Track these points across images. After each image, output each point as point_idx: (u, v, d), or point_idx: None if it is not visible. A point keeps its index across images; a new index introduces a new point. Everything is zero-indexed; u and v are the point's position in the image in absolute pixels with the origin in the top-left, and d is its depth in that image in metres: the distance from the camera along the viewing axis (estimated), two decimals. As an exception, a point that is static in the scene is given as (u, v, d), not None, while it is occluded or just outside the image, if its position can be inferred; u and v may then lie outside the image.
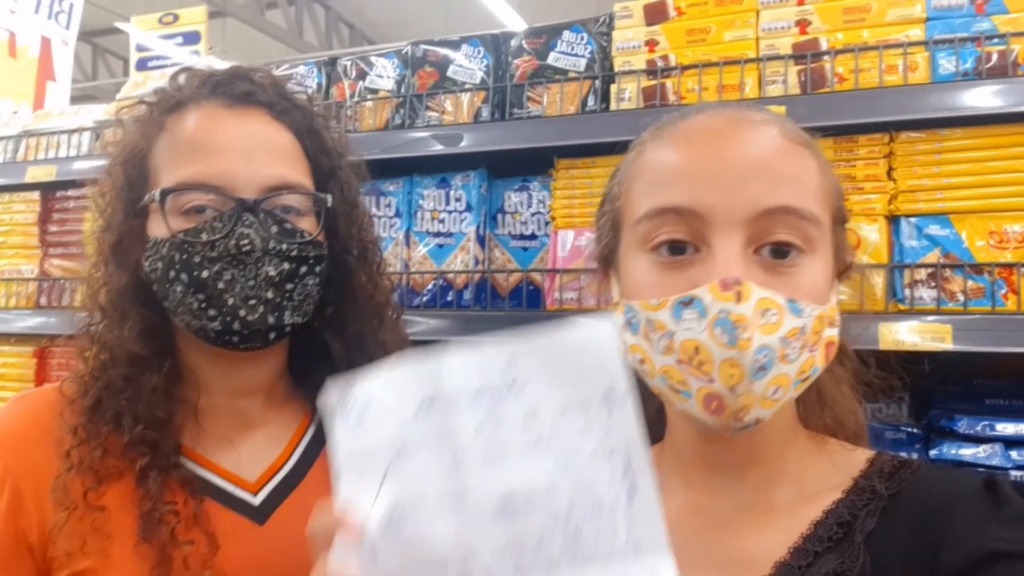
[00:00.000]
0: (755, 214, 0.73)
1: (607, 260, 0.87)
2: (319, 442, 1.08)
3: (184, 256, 0.94)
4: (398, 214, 1.87)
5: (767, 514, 0.80)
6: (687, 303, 0.72)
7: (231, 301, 0.94)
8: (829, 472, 0.81)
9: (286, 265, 0.97)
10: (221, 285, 0.94)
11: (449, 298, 1.77)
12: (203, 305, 0.94)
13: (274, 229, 0.97)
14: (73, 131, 2.18)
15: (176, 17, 5.19)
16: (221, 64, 1.10)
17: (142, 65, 5.29)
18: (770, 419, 0.77)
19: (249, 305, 0.95)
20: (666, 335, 0.73)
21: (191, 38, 5.23)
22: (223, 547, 0.92)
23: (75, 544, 0.88)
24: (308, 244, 1.00)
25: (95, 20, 8.66)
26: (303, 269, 1.00)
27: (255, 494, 1.00)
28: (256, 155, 0.97)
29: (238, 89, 1.01)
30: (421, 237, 1.85)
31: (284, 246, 0.97)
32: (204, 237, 0.94)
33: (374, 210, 1.88)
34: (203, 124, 0.99)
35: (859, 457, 0.82)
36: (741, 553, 0.78)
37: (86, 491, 0.90)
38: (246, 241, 0.94)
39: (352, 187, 1.10)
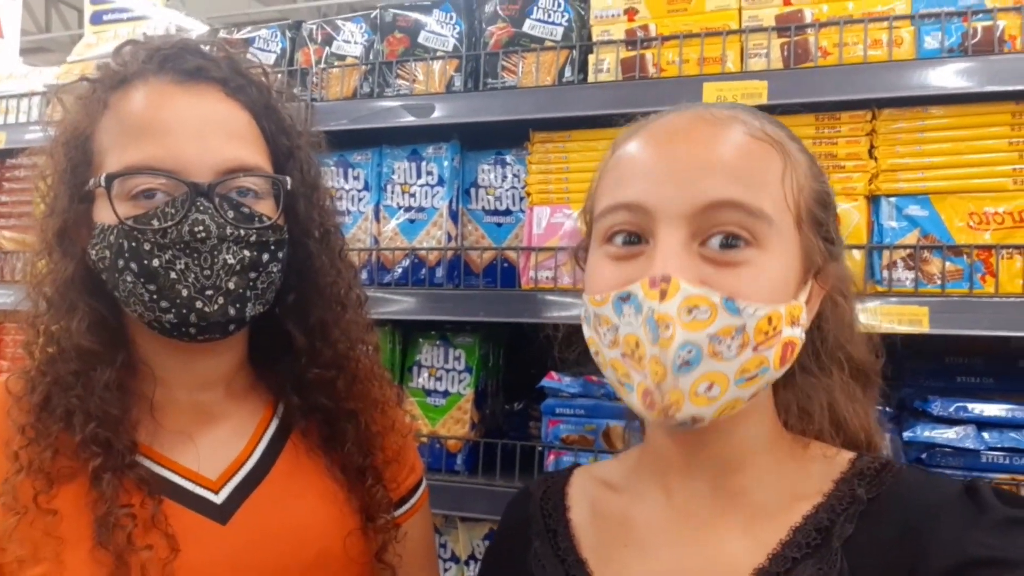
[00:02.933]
0: (698, 208, 0.72)
1: (584, 257, 0.87)
2: (283, 435, 1.04)
3: (133, 244, 0.88)
4: (367, 187, 1.81)
5: (747, 519, 0.79)
6: (625, 299, 0.73)
7: (185, 292, 0.89)
8: (810, 476, 0.80)
9: (247, 252, 0.92)
10: (173, 275, 0.88)
11: (421, 275, 1.72)
12: (155, 296, 0.89)
13: (231, 214, 0.91)
14: (23, 95, 2.08)
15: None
16: (180, 17, 1.03)
17: (97, 19, 5.07)
18: (739, 422, 0.78)
19: (206, 296, 0.90)
20: (612, 329, 0.75)
21: (151, -11, 5.01)
22: (184, 550, 0.88)
23: (26, 550, 0.84)
24: (268, 229, 0.94)
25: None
26: (265, 256, 0.94)
27: (217, 492, 0.96)
28: (209, 136, 0.91)
29: (188, 64, 0.94)
30: (391, 211, 1.79)
31: (242, 231, 0.91)
32: (155, 224, 0.88)
33: (341, 182, 1.81)
34: (151, 102, 0.91)
35: (841, 459, 0.81)
36: (720, 559, 0.78)
37: (36, 494, 0.85)
38: (200, 228, 0.88)
39: (312, 168, 1.04)
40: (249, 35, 1.97)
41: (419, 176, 1.77)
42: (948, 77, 1.40)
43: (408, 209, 1.77)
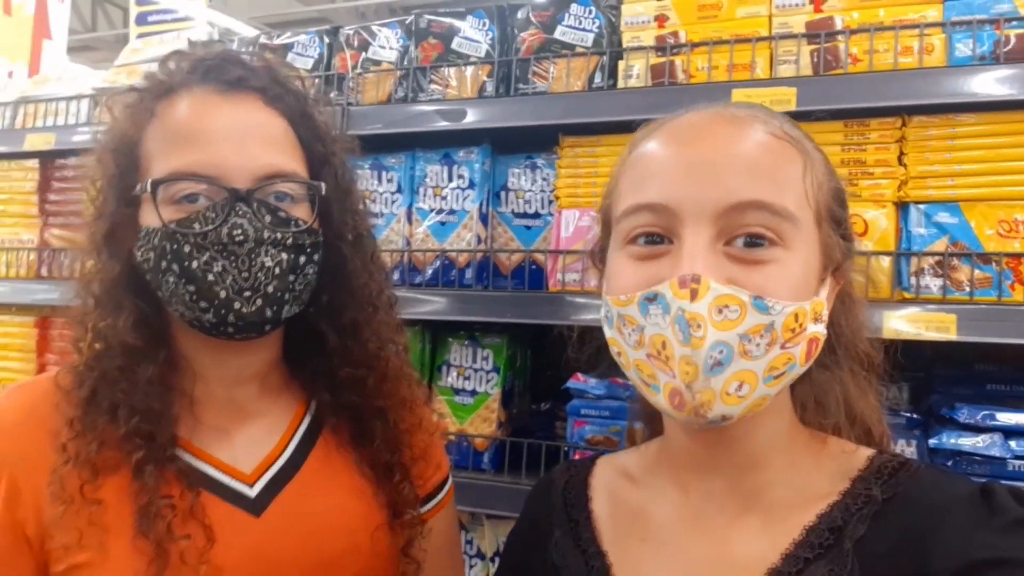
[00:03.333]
0: (725, 207, 0.72)
1: (601, 258, 0.88)
2: (314, 432, 1.08)
3: (175, 246, 0.93)
4: (400, 189, 1.85)
5: (763, 518, 0.80)
6: (652, 299, 0.73)
7: (223, 294, 0.93)
8: (827, 474, 0.80)
9: (284, 255, 0.96)
10: (211, 277, 0.93)
11: (451, 276, 1.76)
12: (194, 297, 0.93)
13: (268, 219, 0.95)
14: (71, 98, 2.15)
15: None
16: (222, 17, 1.08)
17: (142, 19, 5.20)
18: (760, 420, 0.78)
19: (244, 297, 0.94)
20: (637, 329, 0.75)
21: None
22: (219, 540, 0.92)
23: (72, 538, 0.88)
24: (303, 232, 0.98)
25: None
26: (302, 259, 0.98)
27: (251, 485, 1.00)
28: (249, 143, 0.95)
29: (230, 74, 0.99)
30: (423, 214, 1.82)
31: (279, 235, 0.95)
32: (196, 228, 0.93)
33: (375, 185, 1.85)
34: (195, 111, 0.96)
35: (859, 457, 0.81)
36: (735, 558, 0.79)
37: (83, 484, 0.90)
38: (239, 231, 0.92)
39: (346, 173, 1.08)
40: (288, 41, 2.02)
41: (451, 179, 1.80)
42: (980, 84, 1.39)
43: (439, 211, 1.81)
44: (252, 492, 1.00)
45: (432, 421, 1.20)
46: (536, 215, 1.78)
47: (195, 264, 0.93)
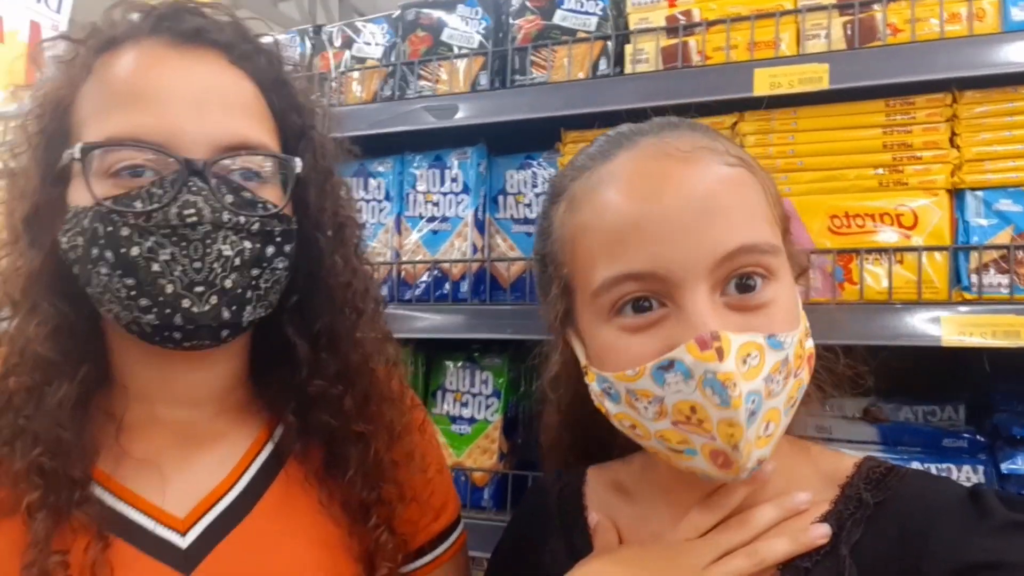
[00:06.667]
0: (715, 261, 0.70)
1: (563, 323, 0.83)
2: (277, 463, 0.89)
3: (109, 229, 0.75)
4: (388, 197, 1.67)
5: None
6: (666, 367, 0.70)
7: (170, 288, 0.75)
8: (815, 481, 0.80)
9: (247, 244, 0.78)
10: (156, 267, 0.75)
11: (444, 290, 1.58)
12: (133, 293, 0.75)
13: (229, 199, 0.77)
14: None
15: (179, 3, 5.04)
16: None
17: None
18: None
19: (195, 293, 0.76)
20: (654, 400, 0.72)
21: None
22: None
23: None
24: (273, 217, 0.81)
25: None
26: (270, 250, 0.80)
27: (183, 534, 0.81)
28: (208, 106, 0.78)
29: (187, 24, 0.81)
30: (413, 222, 1.65)
31: (242, 219, 0.77)
32: (138, 206, 0.75)
33: (362, 193, 1.68)
34: (141, 66, 0.79)
35: (846, 463, 0.81)
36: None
37: None
38: (191, 211, 0.74)
39: (327, 151, 0.91)
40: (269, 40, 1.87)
41: (442, 183, 1.63)
42: (1042, 51, 1.21)
43: (431, 219, 1.63)
44: (184, 542, 0.80)
45: (431, 454, 1.01)
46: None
47: (135, 251, 0.74)
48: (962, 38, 1.27)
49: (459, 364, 1.63)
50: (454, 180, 1.62)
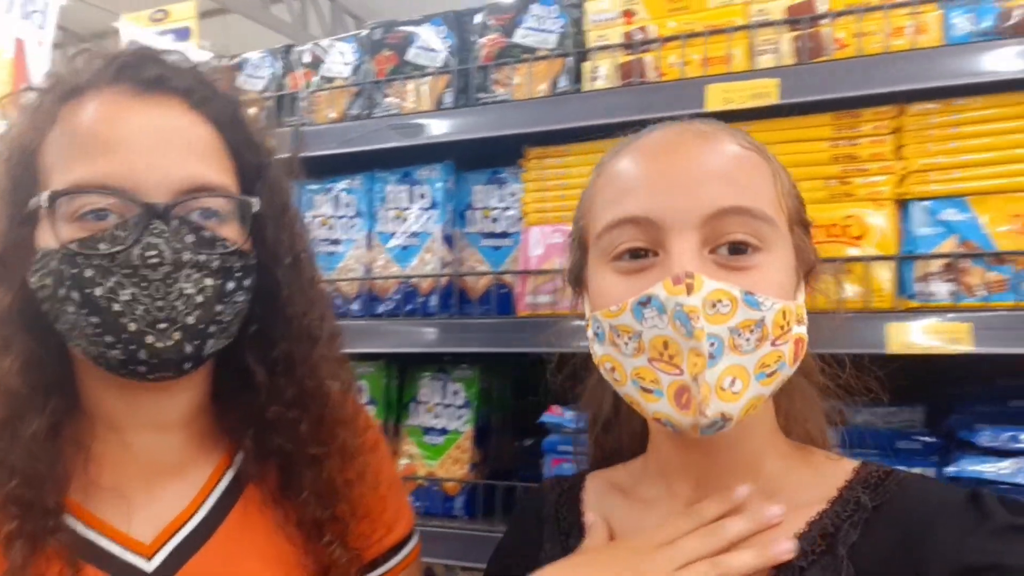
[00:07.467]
0: (708, 215, 0.74)
1: (577, 279, 0.88)
2: (237, 488, 0.93)
3: (75, 270, 0.79)
4: (359, 214, 1.71)
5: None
6: (645, 303, 0.74)
7: (132, 326, 0.79)
8: (813, 483, 0.81)
9: (208, 281, 0.82)
10: (117, 307, 0.78)
11: (415, 304, 1.61)
12: (98, 330, 0.79)
13: (190, 238, 0.81)
14: None
15: (166, 13, 5.04)
16: (206, 58, 0.95)
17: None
18: (748, 426, 0.78)
19: (159, 330, 0.79)
20: (634, 336, 0.75)
21: (182, 34, 5.07)
22: None
23: None
24: (232, 254, 0.84)
25: (94, 20, 8.51)
26: (230, 285, 0.84)
27: (149, 558, 0.85)
28: (168, 151, 0.81)
29: (148, 73, 0.84)
30: (384, 238, 1.68)
31: (202, 257, 0.81)
32: (102, 248, 0.78)
33: (332, 210, 1.72)
34: (104, 114, 0.82)
35: (844, 467, 0.82)
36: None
37: None
38: (153, 252, 0.78)
39: (283, 188, 0.94)
40: (240, 60, 1.90)
41: (411, 200, 1.66)
42: (984, 62, 1.24)
43: (401, 235, 1.67)
44: (149, 566, 0.85)
45: (386, 472, 1.04)
46: (504, 234, 1.63)
47: (99, 291, 0.78)
48: (907, 51, 1.30)
49: (431, 376, 1.67)
50: (423, 196, 1.66)
